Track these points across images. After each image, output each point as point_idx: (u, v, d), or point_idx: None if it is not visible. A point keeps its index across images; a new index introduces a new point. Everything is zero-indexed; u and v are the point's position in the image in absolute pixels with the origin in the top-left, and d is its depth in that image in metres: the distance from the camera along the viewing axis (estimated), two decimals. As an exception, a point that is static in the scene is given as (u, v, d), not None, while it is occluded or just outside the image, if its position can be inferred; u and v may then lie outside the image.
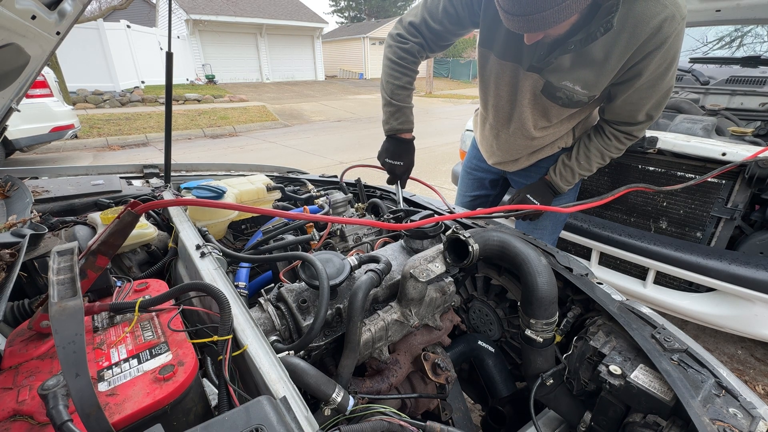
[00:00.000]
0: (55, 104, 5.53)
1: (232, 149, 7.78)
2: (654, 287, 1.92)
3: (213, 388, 0.74)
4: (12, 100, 1.29)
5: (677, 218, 1.91)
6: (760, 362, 2.15)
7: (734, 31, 2.82)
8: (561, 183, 1.48)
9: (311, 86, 18.93)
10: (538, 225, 1.58)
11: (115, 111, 10.21)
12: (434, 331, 1.13)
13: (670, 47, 1.08)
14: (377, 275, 0.96)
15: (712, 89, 2.45)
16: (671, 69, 1.14)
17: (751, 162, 1.56)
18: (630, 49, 1.10)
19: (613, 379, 0.77)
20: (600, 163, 1.42)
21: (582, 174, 1.45)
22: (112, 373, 0.66)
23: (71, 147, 7.44)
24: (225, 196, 1.45)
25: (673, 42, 1.08)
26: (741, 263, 1.65)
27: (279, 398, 0.60)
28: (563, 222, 1.63)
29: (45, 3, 0.99)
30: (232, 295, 0.85)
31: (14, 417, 0.58)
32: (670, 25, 1.04)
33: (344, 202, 1.61)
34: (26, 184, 1.43)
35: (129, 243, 1.23)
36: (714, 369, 0.77)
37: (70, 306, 0.54)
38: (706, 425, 0.64)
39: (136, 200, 0.94)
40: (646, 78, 1.15)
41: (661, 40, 1.06)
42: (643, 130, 1.31)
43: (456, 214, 1.12)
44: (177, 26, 16.87)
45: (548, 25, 0.99)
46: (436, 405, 1.12)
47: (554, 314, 0.93)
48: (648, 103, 1.23)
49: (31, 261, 1.03)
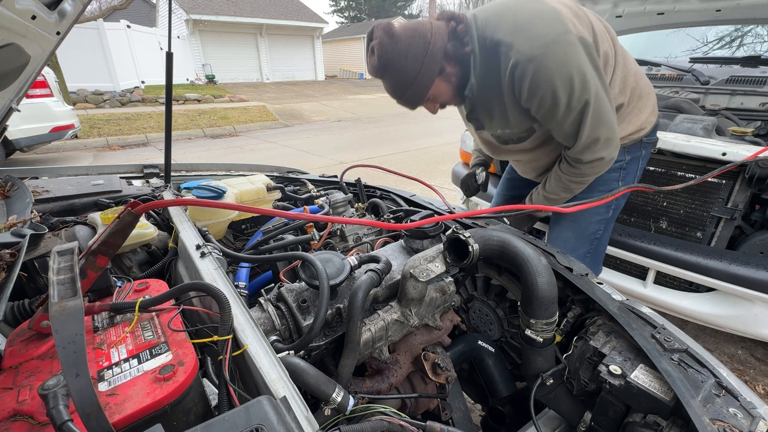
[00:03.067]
0: (55, 104, 5.53)
1: (232, 149, 7.78)
2: (654, 287, 1.92)
3: (213, 388, 0.74)
4: (12, 100, 1.29)
5: (677, 218, 1.91)
6: (760, 362, 2.15)
7: (734, 31, 2.82)
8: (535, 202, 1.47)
9: (311, 86, 18.93)
10: (560, 236, 1.50)
11: (115, 111, 10.21)
12: (434, 331, 1.13)
13: (534, 88, 1.12)
14: (377, 275, 0.96)
15: (712, 89, 2.45)
16: (559, 103, 1.13)
17: (752, 162, 1.56)
18: (507, 94, 1.20)
19: (613, 379, 0.77)
20: (563, 188, 1.38)
21: (550, 198, 1.42)
22: (112, 373, 0.66)
23: (71, 147, 7.44)
24: (225, 196, 1.45)
25: (533, 82, 1.11)
26: (741, 263, 1.64)
27: (279, 398, 0.60)
28: (591, 237, 1.48)
29: (45, 3, 0.99)
30: (232, 295, 0.85)
31: (14, 417, 0.59)
32: (519, 71, 1.12)
33: (344, 202, 1.61)
34: (26, 184, 1.43)
35: (129, 243, 1.23)
36: (714, 369, 0.77)
37: (70, 306, 0.54)
38: (706, 425, 0.64)
39: (136, 200, 0.94)
40: (540, 112, 1.20)
41: (520, 84, 1.14)
42: (587, 153, 1.23)
43: (456, 214, 1.12)
44: (177, 26, 16.87)
45: (418, 101, 1.22)
46: (436, 405, 1.12)
47: (554, 314, 0.93)
48: (563, 130, 1.22)
49: (31, 261, 1.04)
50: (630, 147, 1.40)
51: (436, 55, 1.14)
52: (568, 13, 1.16)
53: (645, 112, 1.38)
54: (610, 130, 1.21)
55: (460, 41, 1.16)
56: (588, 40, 1.14)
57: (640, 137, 1.38)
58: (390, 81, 1.18)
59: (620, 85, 1.29)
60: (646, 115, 1.37)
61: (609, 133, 1.21)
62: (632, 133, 1.36)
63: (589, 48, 1.13)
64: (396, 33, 1.11)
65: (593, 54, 1.15)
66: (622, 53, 1.31)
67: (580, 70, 1.11)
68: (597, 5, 2.64)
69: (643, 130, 1.38)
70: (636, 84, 1.35)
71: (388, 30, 1.11)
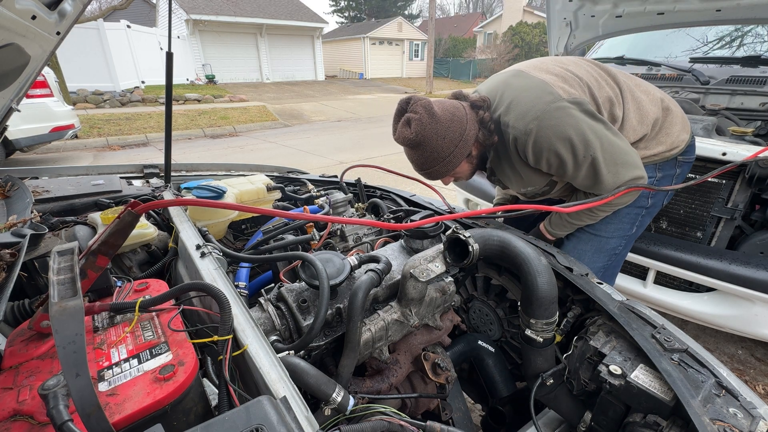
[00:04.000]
0: (55, 104, 5.52)
1: (232, 149, 7.78)
2: (654, 287, 1.92)
3: (213, 388, 0.74)
4: (12, 100, 1.29)
5: (677, 218, 1.91)
6: (760, 362, 2.15)
7: (734, 31, 2.82)
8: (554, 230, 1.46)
9: (311, 86, 18.92)
10: (576, 247, 1.47)
11: (115, 111, 10.21)
12: (434, 331, 1.13)
13: (537, 154, 1.20)
14: (377, 275, 0.96)
15: (712, 89, 2.45)
16: (565, 162, 1.19)
17: (752, 162, 1.56)
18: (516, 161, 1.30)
19: (613, 379, 0.77)
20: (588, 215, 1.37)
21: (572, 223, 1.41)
22: (113, 373, 0.66)
23: (71, 147, 7.43)
24: (225, 196, 1.45)
25: (535, 150, 1.19)
26: (741, 263, 1.64)
27: (279, 398, 0.60)
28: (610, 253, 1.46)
29: (45, 3, 0.99)
30: (232, 295, 0.85)
31: (14, 417, 0.59)
32: (520, 144, 1.21)
33: (344, 202, 1.61)
34: (26, 184, 1.43)
35: (129, 243, 1.23)
36: (714, 369, 0.77)
37: (70, 306, 0.54)
38: (706, 425, 0.64)
39: (136, 200, 0.94)
40: (552, 171, 1.26)
41: (525, 153, 1.23)
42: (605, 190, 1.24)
43: (456, 214, 1.12)
44: (177, 26, 16.86)
45: (441, 176, 1.30)
46: (436, 405, 1.12)
47: (554, 314, 0.93)
48: (582, 184, 1.27)
49: (32, 261, 1.04)
50: (662, 164, 1.36)
51: (468, 141, 1.22)
52: (555, 80, 1.21)
53: (675, 130, 1.34)
54: (633, 168, 1.21)
55: (488, 130, 1.24)
56: (581, 99, 1.18)
57: (673, 155, 1.35)
58: (420, 156, 1.23)
59: (636, 116, 1.29)
60: (676, 132, 1.34)
61: (633, 173, 1.21)
62: (664, 152, 1.34)
63: (583, 106, 1.17)
64: (436, 113, 1.16)
65: (589, 110, 1.18)
66: (628, 87, 1.30)
67: (578, 130, 1.15)
68: (597, 5, 2.64)
69: (675, 149, 1.34)
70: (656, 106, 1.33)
71: (428, 108, 1.16)
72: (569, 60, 1.33)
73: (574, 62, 1.32)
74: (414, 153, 1.23)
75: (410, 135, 1.17)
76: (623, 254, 1.53)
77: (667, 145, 1.33)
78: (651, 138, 1.33)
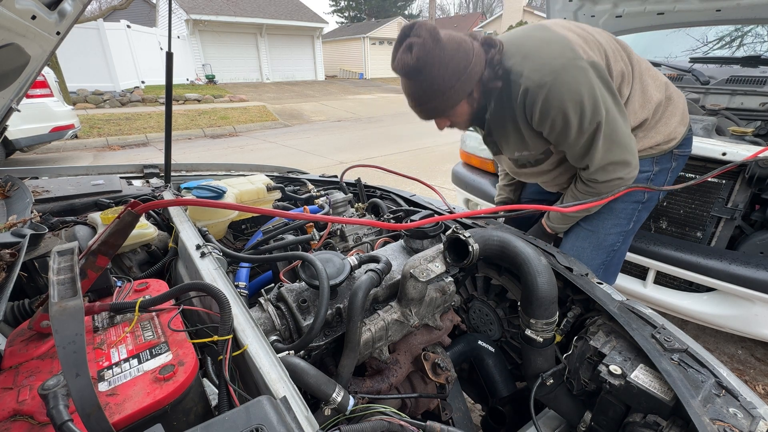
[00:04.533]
0: (55, 104, 5.53)
1: (232, 149, 7.78)
2: (654, 287, 1.92)
3: (213, 388, 0.74)
4: (12, 100, 1.29)
5: (677, 218, 1.91)
6: (760, 362, 2.15)
7: (734, 31, 2.82)
8: (554, 225, 1.48)
9: (311, 86, 18.92)
10: (575, 245, 1.48)
11: (115, 111, 10.21)
12: (434, 331, 1.13)
13: (545, 112, 1.13)
14: (377, 275, 0.96)
15: (712, 89, 2.45)
16: (570, 125, 1.14)
17: (752, 162, 1.56)
18: (520, 118, 1.22)
19: (613, 379, 0.77)
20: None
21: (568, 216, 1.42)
22: (113, 373, 0.66)
23: (71, 147, 7.44)
24: (225, 196, 1.45)
25: (544, 107, 1.12)
26: (741, 263, 1.64)
27: (279, 398, 0.60)
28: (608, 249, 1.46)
29: (45, 3, 0.99)
30: (232, 295, 0.85)
31: (14, 417, 0.59)
32: (530, 97, 1.13)
33: (344, 202, 1.61)
34: (26, 184, 1.43)
35: (129, 243, 1.23)
36: (714, 369, 0.77)
37: (70, 306, 0.54)
38: (706, 425, 0.64)
39: (136, 200, 0.94)
40: (552, 135, 1.21)
41: (532, 109, 1.15)
42: (601, 174, 1.23)
43: (456, 214, 1.12)
44: (177, 26, 16.86)
45: (437, 114, 1.21)
46: (436, 405, 1.12)
47: (554, 314, 0.93)
48: (576, 153, 1.22)
49: (32, 261, 1.03)
50: (659, 158, 1.36)
51: (472, 77, 1.12)
52: (578, 39, 1.16)
53: (673, 121, 1.34)
54: (626, 151, 1.19)
55: (494, 71, 1.15)
56: (599, 64, 1.14)
57: (670, 148, 1.35)
58: (419, 85, 1.12)
59: (640, 99, 1.27)
60: (674, 124, 1.33)
61: (624, 155, 1.19)
62: (661, 143, 1.33)
63: (600, 71, 1.13)
64: (441, 40, 1.06)
65: (605, 77, 1.14)
66: (639, 68, 1.30)
67: (591, 93, 1.11)
68: (597, 5, 2.64)
69: (672, 141, 1.34)
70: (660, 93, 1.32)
71: (434, 33, 1.05)
72: (591, 27, 1.30)
73: (595, 30, 1.29)
74: (412, 84, 1.12)
75: (411, 61, 1.05)
76: (622, 250, 1.53)
77: (664, 135, 1.33)
78: (650, 127, 1.32)
